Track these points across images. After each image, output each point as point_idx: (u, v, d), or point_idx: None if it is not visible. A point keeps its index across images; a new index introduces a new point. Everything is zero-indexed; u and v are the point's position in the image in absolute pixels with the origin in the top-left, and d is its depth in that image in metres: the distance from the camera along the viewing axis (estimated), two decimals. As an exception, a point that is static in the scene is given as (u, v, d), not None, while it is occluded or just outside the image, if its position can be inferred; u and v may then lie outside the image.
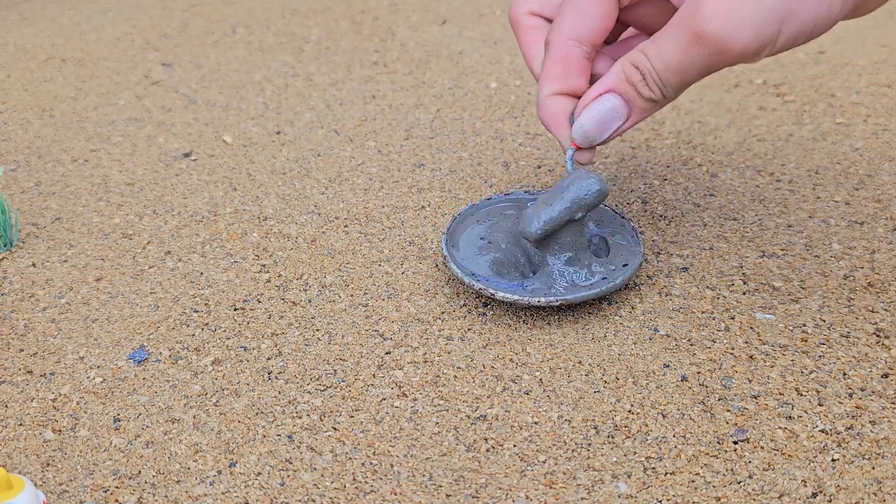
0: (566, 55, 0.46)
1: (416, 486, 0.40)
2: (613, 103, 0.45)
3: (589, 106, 0.45)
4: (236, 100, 0.72)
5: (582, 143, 0.46)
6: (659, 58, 0.43)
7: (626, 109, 0.45)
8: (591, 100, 0.45)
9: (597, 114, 0.45)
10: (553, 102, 0.47)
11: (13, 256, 0.55)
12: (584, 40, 0.46)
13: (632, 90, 0.44)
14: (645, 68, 0.43)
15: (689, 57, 0.42)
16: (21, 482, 0.37)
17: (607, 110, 0.45)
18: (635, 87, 0.44)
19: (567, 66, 0.46)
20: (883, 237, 0.53)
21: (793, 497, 0.39)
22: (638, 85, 0.44)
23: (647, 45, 0.43)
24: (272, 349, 0.47)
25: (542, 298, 0.46)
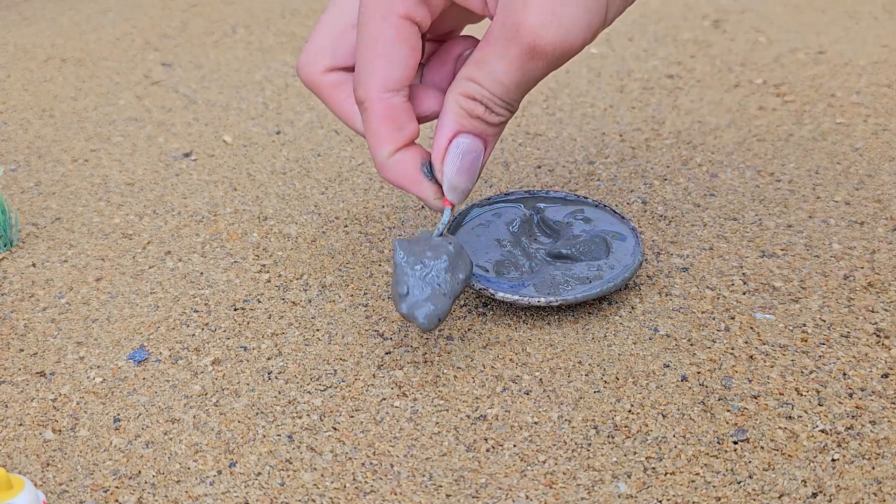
0: (388, 108, 0.41)
1: (416, 486, 0.40)
2: (468, 144, 0.41)
3: (446, 158, 0.41)
4: (236, 100, 0.72)
5: (458, 200, 0.43)
6: (494, 82, 0.39)
7: (481, 143, 0.42)
8: (444, 150, 0.41)
9: (458, 163, 0.41)
10: (397, 162, 0.42)
11: (13, 256, 0.55)
12: (400, 86, 0.41)
13: (479, 123, 0.41)
14: (483, 97, 0.40)
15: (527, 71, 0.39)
16: (21, 482, 0.37)
17: (466, 154, 0.41)
18: (481, 118, 0.41)
19: (394, 119, 0.41)
20: (883, 237, 0.53)
21: (793, 497, 0.39)
22: (483, 115, 0.40)
23: (474, 71, 0.39)
24: (272, 349, 0.47)
25: (542, 298, 0.46)
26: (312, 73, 0.43)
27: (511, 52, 0.38)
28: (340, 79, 0.43)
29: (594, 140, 0.65)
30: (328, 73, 0.42)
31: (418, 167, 0.42)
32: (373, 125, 0.41)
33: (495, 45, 0.39)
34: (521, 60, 0.38)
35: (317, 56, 0.42)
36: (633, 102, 0.70)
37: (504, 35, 0.38)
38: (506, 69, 0.39)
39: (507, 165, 0.62)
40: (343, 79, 0.43)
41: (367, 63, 0.40)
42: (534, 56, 0.38)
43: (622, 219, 0.52)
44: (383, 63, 0.40)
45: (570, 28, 0.37)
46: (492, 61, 0.39)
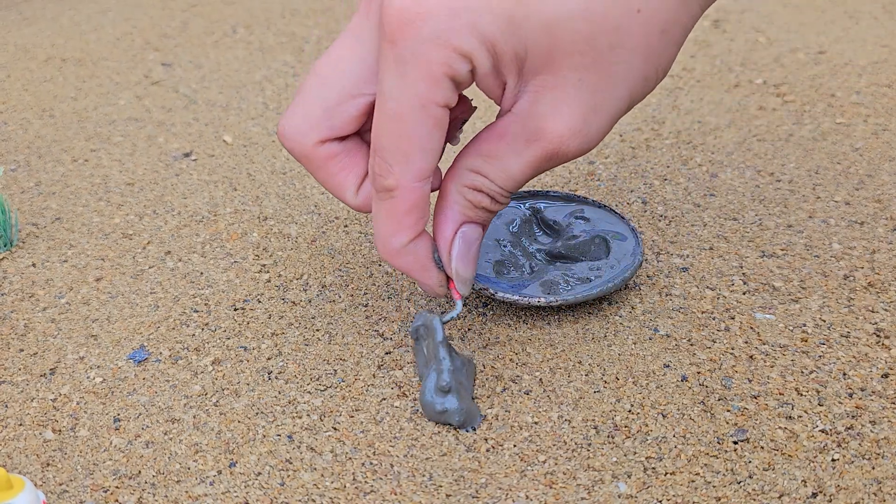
0: (420, 198, 0.39)
1: (416, 486, 0.40)
2: (472, 235, 0.42)
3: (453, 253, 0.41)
4: (236, 100, 0.72)
5: (467, 292, 0.43)
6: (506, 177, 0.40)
7: (481, 231, 0.42)
8: (450, 243, 0.41)
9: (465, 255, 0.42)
10: (414, 250, 0.41)
11: (13, 256, 0.55)
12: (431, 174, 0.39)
13: (482, 213, 0.41)
14: (490, 190, 0.40)
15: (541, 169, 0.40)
16: (21, 482, 0.37)
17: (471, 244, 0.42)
18: (487, 209, 0.41)
19: (422, 210, 0.40)
20: (883, 237, 0.53)
21: (793, 497, 0.39)
22: (489, 206, 0.41)
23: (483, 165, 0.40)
24: (272, 349, 0.47)
25: (542, 298, 0.46)
26: (304, 145, 0.41)
27: (530, 153, 0.39)
28: (333, 150, 0.41)
29: (594, 140, 0.65)
30: (321, 144, 0.41)
31: (431, 256, 0.42)
32: (398, 215, 0.40)
33: (512, 142, 0.39)
34: (540, 161, 0.39)
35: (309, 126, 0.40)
36: (633, 102, 0.69)
37: (524, 136, 0.39)
38: (521, 168, 0.39)
39: (507, 165, 0.62)
40: (336, 150, 0.41)
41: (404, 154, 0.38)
42: (553, 158, 0.39)
43: (622, 219, 0.52)
44: (421, 155, 0.38)
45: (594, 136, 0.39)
46: (505, 158, 0.39)
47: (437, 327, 0.42)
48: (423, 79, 0.36)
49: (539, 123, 0.38)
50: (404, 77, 0.37)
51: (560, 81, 0.38)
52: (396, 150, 0.38)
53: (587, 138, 0.39)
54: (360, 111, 0.40)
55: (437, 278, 0.42)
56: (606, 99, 0.38)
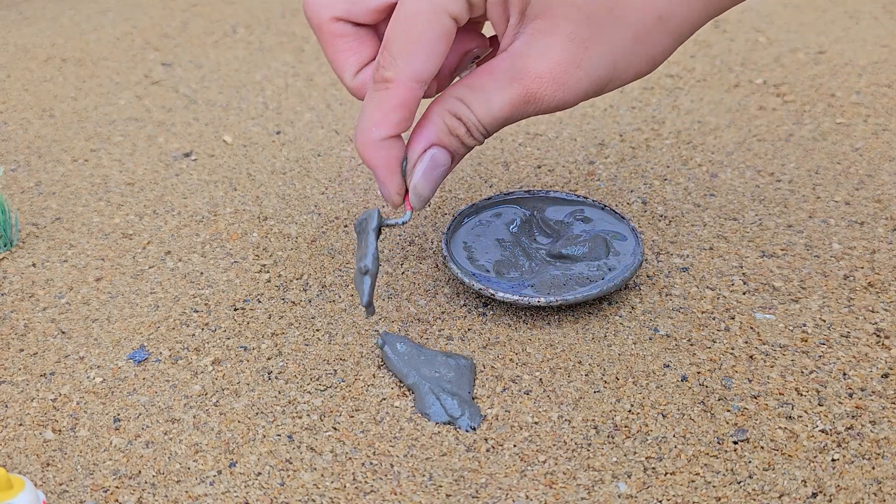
0: (411, 98, 0.42)
1: (416, 486, 0.40)
2: (439, 157, 0.43)
3: (417, 167, 0.43)
4: (236, 100, 0.72)
5: (419, 207, 0.45)
6: (485, 110, 0.41)
7: (450, 158, 0.44)
8: (419, 157, 0.43)
9: (429, 173, 0.43)
10: (388, 147, 0.43)
11: (13, 256, 0.55)
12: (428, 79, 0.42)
13: (455, 141, 0.43)
14: (469, 120, 0.42)
15: (517, 111, 0.41)
16: (21, 482, 0.37)
17: (436, 166, 0.43)
18: (459, 138, 0.43)
19: (410, 109, 0.42)
20: (883, 237, 0.53)
21: (793, 497, 0.39)
22: (462, 136, 0.43)
23: (468, 94, 0.42)
24: (272, 349, 0.47)
25: (542, 298, 0.46)
26: (320, 17, 0.44)
27: (511, 90, 0.41)
28: (345, 30, 0.44)
29: (594, 140, 0.65)
30: (336, 21, 0.43)
31: (400, 158, 0.44)
32: (387, 107, 0.42)
33: (498, 78, 0.41)
34: (518, 101, 0.41)
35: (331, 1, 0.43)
36: (633, 102, 0.70)
37: (510, 73, 0.41)
38: (500, 104, 0.41)
39: (507, 165, 0.62)
40: (348, 31, 0.44)
41: (408, 52, 0.41)
42: (530, 102, 0.41)
43: (622, 219, 0.52)
44: (424, 56, 0.41)
45: (571, 89, 0.41)
46: (489, 91, 0.41)
47: (373, 215, 0.44)
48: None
49: (525, 63, 0.41)
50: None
51: (553, 29, 0.40)
52: (402, 47, 0.41)
53: (564, 88, 0.41)
54: (380, 6, 0.43)
55: (398, 185, 0.44)
56: (590, 59, 0.40)
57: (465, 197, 0.59)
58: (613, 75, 0.41)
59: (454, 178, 0.61)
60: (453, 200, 0.58)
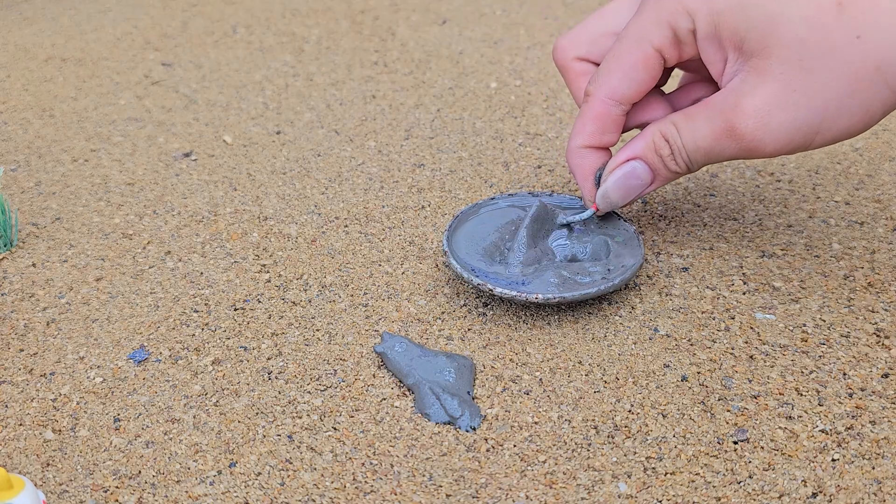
0: (604, 113, 0.46)
1: (416, 486, 0.40)
2: (639, 171, 0.46)
3: (615, 172, 0.47)
4: (236, 100, 0.72)
5: (604, 209, 0.48)
6: (691, 137, 0.44)
7: (651, 176, 0.46)
8: (618, 165, 0.46)
9: (622, 181, 0.47)
10: (583, 155, 0.48)
11: (13, 256, 0.55)
12: (625, 101, 0.46)
13: (658, 161, 0.46)
14: (675, 144, 0.44)
15: (719, 145, 0.43)
16: (21, 482, 0.37)
17: (632, 177, 0.46)
18: (663, 159, 0.45)
19: (603, 124, 0.46)
20: (883, 237, 0.53)
21: (793, 497, 0.39)
22: (665, 158, 0.45)
23: (681, 120, 0.44)
24: (272, 349, 0.47)
25: (540, 295, 0.46)
26: (565, 58, 0.48)
27: (716, 123, 0.43)
28: (586, 69, 0.48)
29: (594, 140, 0.65)
30: (578, 61, 0.48)
31: (595, 169, 0.48)
32: (584, 115, 0.47)
33: (709, 109, 0.43)
34: (720, 133, 0.43)
35: (575, 44, 0.48)
36: (634, 102, 0.69)
37: (720, 107, 0.42)
38: (704, 134, 0.43)
39: (507, 165, 0.62)
40: (588, 70, 0.48)
41: (609, 71, 0.45)
42: (731, 135, 0.42)
43: (622, 219, 0.52)
44: (620, 77, 0.45)
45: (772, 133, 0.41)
46: (698, 120, 0.43)
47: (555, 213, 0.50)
48: (650, 19, 0.43)
49: (736, 99, 0.42)
50: (639, 15, 0.44)
51: (766, 68, 0.41)
52: (607, 67, 0.45)
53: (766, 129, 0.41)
54: None
55: (590, 192, 0.49)
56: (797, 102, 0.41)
57: (466, 197, 0.59)
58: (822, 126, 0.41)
59: (454, 177, 0.61)
60: (453, 200, 0.58)
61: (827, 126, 0.41)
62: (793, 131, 0.41)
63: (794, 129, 0.41)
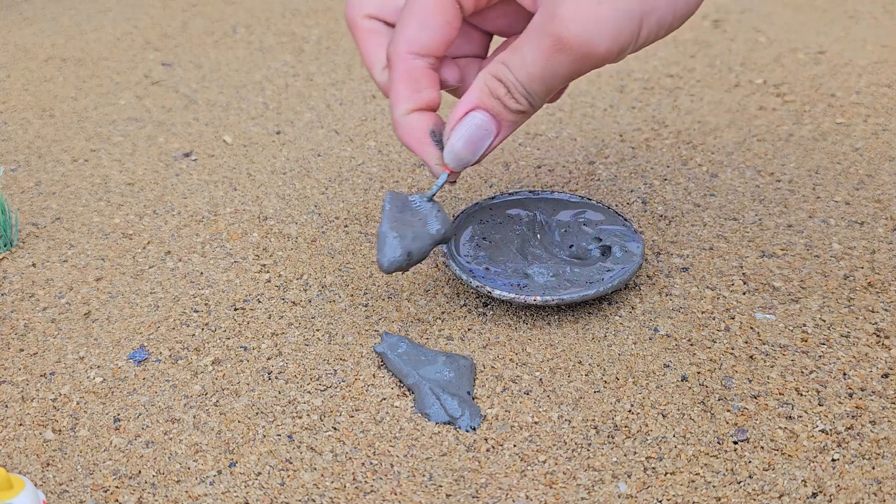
0: (410, 70, 0.43)
1: (416, 486, 0.40)
2: (481, 120, 0.43)
3: (457, 127, 0.43)
4: (236, 100, 0.72)
5: (456, 167, 0.44)
6: (522, 68, 0.41)
7: (495, 124, 0.43)
8: (458, 119, 0.43)
9: (466, 134, 0.43)
10: (410, 121, 0.44)
11: (13, 256, 0.55)
12: (426, 52, 0.43)
13: (498, 104, 0.43)
14: (508, 80, 0.42)
15: (552, 64, 0.40)
16: (21, 482, 0.37)
17: (476, 128, 0.43)
18: (501, 100, 0.42)
19: (414, 81, 0.43)
20: (883, 237, 0.53)
21: (793, 497, 0.39)
22: (503, 98, 0.42)
23: (508, 56, 0.42)
24: (272, 349, 0.47)
25: (539, 297, 0.46)
26: (355, 15, 0.46)
27: (542, 42, 0.40)
28: (377, 27, 0.45)
29: (594, 140, 0.65)
30: (368, 18, 0.45)
31: (427, 130, 0.44)
32: (393, 81, 0.44)
33: (530, 33, 0.41)
34: (549, 50, 0.40)
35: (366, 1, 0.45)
36: (633, 102, 0.70)
37: (540, 25, 0.40)
38: (533, 58, 0.41)
39: (507, 165, 0.62)
40: (379, 28, 0.45)
41: (404, 25, 0.43)
42: (559, 48, 0.40)
43: (622, 219, 0.52)
44: (416, 27, 0.43)
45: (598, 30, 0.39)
46: (524, 49, 0.41)
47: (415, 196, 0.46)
48: None
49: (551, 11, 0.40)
50: None
51: None
52: (401, 23, 0.43)
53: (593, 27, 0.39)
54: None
55: (433, 155, 0.45)
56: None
57: (466, 197, 0.59)
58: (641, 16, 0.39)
59: (454, 178, 0.61)
60: (454, 200, 0.58)
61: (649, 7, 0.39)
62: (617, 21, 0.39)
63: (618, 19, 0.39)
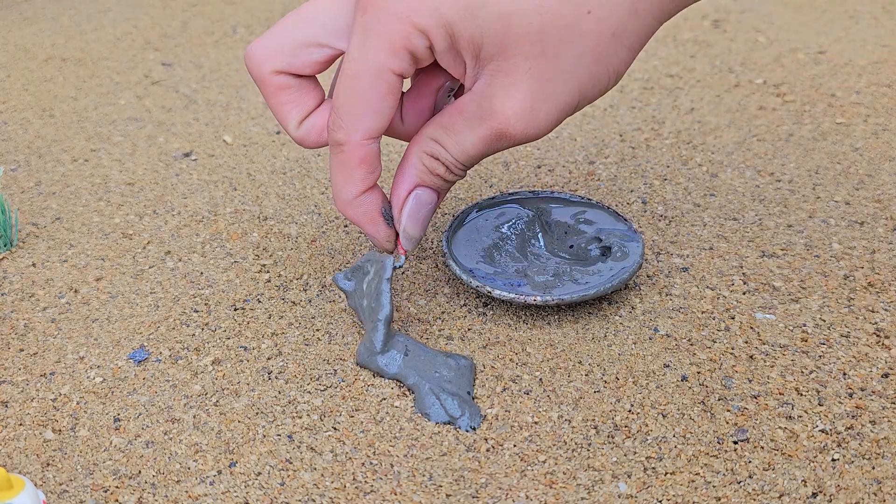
0: (367, 154, 0.43)
1: (416, 486, 0.40)
2: (424, 198, 0.44)
3: (403, 209, 0.44)
4: (236, 100, 0.72)
5: (410, 247, 0.46)
6: (460, 150, 0.42)
7: (436, 196, 0.45)
8: (403, 201, 0.44)
9: (415, 214, 0.45)
10: (362, 202, 0.44)
11: (13, 256, 0.55)
12: (380, 134, 0.43)
13: (437, 180, 0.44)
14: (446, 160, 0.43)
15: (492, 148, 0.42)
16: (21, 482, 0.37)
17: (422, 206, 0.45)
18: (440, 176, 0.44)
19: (370, 165, 0.43)
20: (883, 237, 0.53)
21: (793, 497, 0.39)
22: (443, 175, 0.44)
23: (442, 135, 0.43)
24: (272, 349, 0.47)
25: (539, 297, 0.46)
26: (262, 70, 0.43)
27: (481, 130, 0.42)
28: (287, 83, 0.44)
29: (594, 140, 0.65)
30: (277, 74, 0.43)
31: (380, 210, 0.45)
32: (348, 168, 0.43)
33: (468, 118, 0.42)
34: (489, 140, 0.42)
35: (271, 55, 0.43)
36: (633, 102, 0.70)
37: (478, 114, 0.41)
38: (473, 143, 0.42)
39: (507, 165, 0.62)
40: (290, 83, 0.44)
41: (354, 113, 0.42)
42: (501, 139, 0.42)
43: (622, 219, 0.52)
44: (371, 115, 0.41)
45: (541, 122, 0.41)
46: (460, 131, 0.42)
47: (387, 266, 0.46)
48: (383, 47, 0.40)
49: (491, 104, 0.41)
50: (366, 43, 0.40)
51: (512, 68, 0.40)
52: (349, 109, 0.42)
53: (533, 123, 0.41)
54: (321, 59, 0.43)
55: (385, 233, 0.45)
56: (554, 89, 0.41)
57: (466, 197, 0.59)
58: (580, 97, 0.41)
59: (454, 178, 0.61)
60: (453, 200, 0.58)
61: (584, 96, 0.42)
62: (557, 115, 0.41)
63: (558, 112, 0.41)
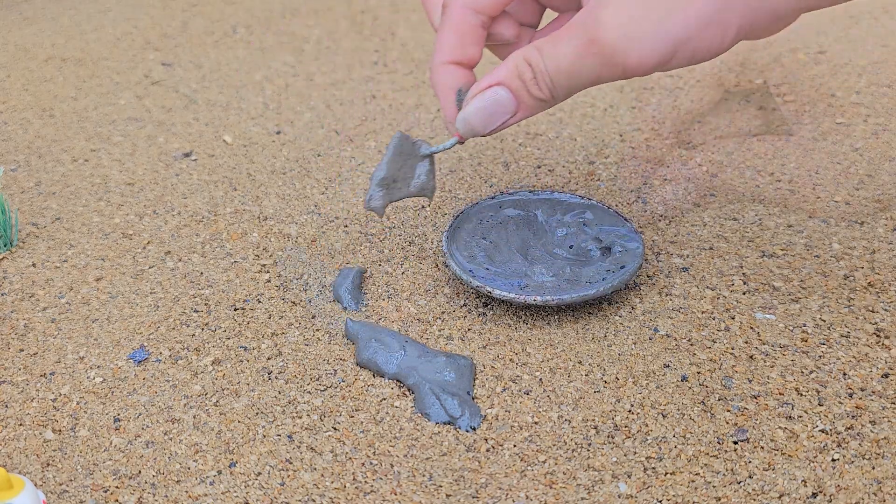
0: (462, 23, 0.45)
1: (416, 486, 0.40)
2: (502, 97, 0.44)
3: (477, 97, 0.44)
4: (236, 100, 0.72)
5: (465, 134, 0.45)
6: (553, 58, 0.42)
7: (515, 104, 0.44)
8: (481, 91, 0.44)
9: (484, 107, 0.44)
10: (445, 72, 0.46)
11: (13, 256, 0.55)
12: (481, 9, 0.44)
13: (521, 87, 0.43)
14: (538, 67, 0.42)
15: (581, 62, 0.41)
16: (21, 482, 0.37)
17: (495, 102, 0.44)
18: (525, 84, 0.43)
19: (462, 36, 0.45)
20: (883, 237, 0.53)
21: (793, 497, 0.39)
22: (528, 83, 0.43)
23: (544, 44, 0.42)
24: (272, 349, 0.47)
25: (539, 297, 0.46)
26: None
27: (579, 38, 0.41)
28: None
29: (594, 140, 0.65)
30: None
31: (456, 87, 0.46)
32: (443, 29, 0.45)
33: (571, 28, 0.41)
34: (582, 48, 0.41)
35: None
36: (633, 102, 0.70)
37: (583, 23, 0.41)
38: (566, 52, 0.41)
39: (507, 165, 0.62)
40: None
41: None
42: (592, 49, 0.40)
43: (623, 219, 0.52)
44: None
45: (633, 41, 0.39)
46: (561, 41, 0.41)
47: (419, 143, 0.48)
48: None
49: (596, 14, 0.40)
50: None
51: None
52: None
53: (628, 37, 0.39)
54: None
55: (451, 113, 0.46)
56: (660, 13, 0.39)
57: (466, 197, 0.59)
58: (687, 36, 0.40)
59: (454, 177, 0.61)
60: (453, 200, 0.58)
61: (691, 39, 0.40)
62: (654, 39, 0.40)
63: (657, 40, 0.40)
